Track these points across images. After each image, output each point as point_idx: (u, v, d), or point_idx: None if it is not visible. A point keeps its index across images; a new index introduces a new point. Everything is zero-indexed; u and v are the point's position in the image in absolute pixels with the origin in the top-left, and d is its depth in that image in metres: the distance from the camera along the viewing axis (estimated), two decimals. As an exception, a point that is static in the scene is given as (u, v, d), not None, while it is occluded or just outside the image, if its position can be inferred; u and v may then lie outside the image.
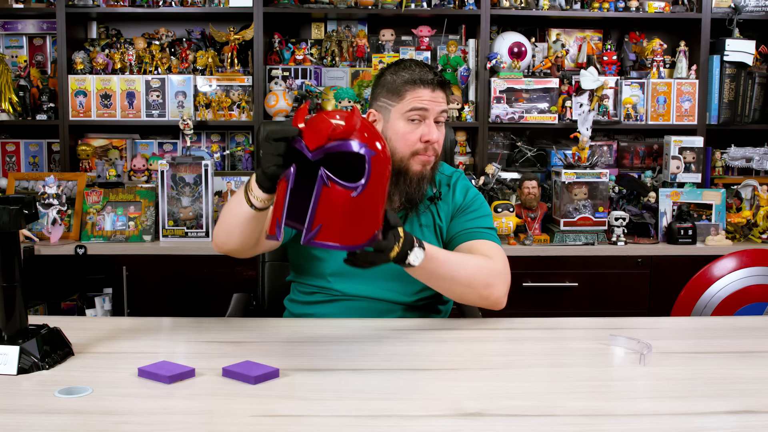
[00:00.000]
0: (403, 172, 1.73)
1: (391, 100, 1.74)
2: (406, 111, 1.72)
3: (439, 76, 1.74)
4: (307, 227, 1.30)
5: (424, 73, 1.73)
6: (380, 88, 1.78)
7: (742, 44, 3.36)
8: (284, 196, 1.32)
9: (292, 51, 3.44)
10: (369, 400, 1.22)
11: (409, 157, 1.72)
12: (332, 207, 1.30)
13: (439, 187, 1.85)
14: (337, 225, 1.31)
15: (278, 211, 1.33)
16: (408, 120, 1.72)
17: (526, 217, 3.14)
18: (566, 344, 1.58)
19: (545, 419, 1.15)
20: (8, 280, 1.34)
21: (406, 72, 1.74)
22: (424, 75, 1.72)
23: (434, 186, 1.84)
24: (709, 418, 1.16)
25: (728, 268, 3.01)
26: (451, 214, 1.84)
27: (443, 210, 1.84)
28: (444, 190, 1.85)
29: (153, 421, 1.13)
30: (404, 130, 1.72)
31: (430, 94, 1.72)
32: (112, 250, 2.97)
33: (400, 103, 1.72)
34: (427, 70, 1.75)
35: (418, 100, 1.71)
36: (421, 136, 1.71)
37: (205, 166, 3.07)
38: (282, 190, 1.34)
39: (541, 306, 3.03)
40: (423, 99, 1.71)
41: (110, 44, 3.49)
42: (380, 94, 1.78)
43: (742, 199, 3.32)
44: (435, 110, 1.72)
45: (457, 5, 3.38)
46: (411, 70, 1.74)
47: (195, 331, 1.62)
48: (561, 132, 3.48)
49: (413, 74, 1.73)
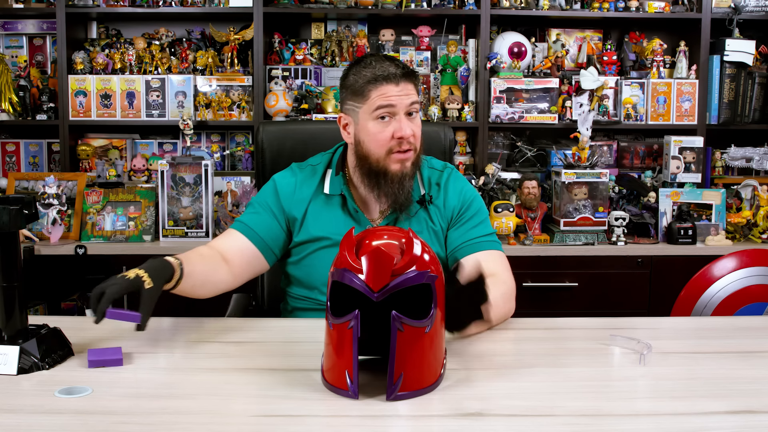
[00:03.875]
0: (382, 173, 1.70)
1: (356, 102, 1.69)
2: (374, 110, 1.66)
3: (403, 68, 1.68)
4: (389, 382, 1.20)
5: (386, 67, 1.66)
6: (345, 90, 1.73)
7: (742, 44, 3.36)
8: (349, 348, 1.20)
9: (292, 51, 3.44)
10: (369, 400, 1.22)
11: (385, 156, 1.68)
12: (409, 350, 1.21)
13: (429, 188, 1.81)
14: (416, 368, 1.22)
15: (342, 361, 1.22)
16: (377, 119, 1.67)
17: (526, 217, 3.14)
18: (566, 344, 1.58)
19: (545, 419, 1.15)
20: (8, 280, 1.34)
21: (367, 70, 1.67)
22: (386, 70, 1.66)
23: (423, 185, 1.81)
24: (709, 418, 1.16)
25: (728, 268, 3.01)
26: (448, 218, 1.80)
27: (436, 213, 1.80)
28: (434, 190, 1.81)
29: (153, 421, 1.13)
30: (375, 130, 1.67)
31: (395, 89, 1.66)
32: (112, 250, 2.97)
33: (366, 104, 1.67)
34: (389, 63, 1.68)
35: (383, 97, 1.65)
36: (393, 133, 1.66)
37: (205, 166, 3.07)
38: (343, 338, 1.22)
39: (541, 306, 3.03)
40: (388, 95, 1.65)
41: (110, 44, 3.49)
42: (346, 98, 1.73)
43: (742, 199, 3.32)
44: (403, 104, 1.67)
45: (457, 5, 3.38)
46: (372, 67, 1.67)
47: (195, 331, 1.62)
48: (561, 132, 3.48)
49: (374, 71, 1.66)
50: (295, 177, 1.82)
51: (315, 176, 1.81)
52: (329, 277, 1.27)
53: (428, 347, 1.24)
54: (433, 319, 1.23)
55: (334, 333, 1.24)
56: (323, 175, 1.81)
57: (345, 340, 1.21)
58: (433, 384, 1.25)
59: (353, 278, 1.22)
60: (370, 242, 1.25)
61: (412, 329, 1.21)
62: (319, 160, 1.85)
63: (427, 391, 1.24)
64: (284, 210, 1.78)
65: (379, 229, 1.34)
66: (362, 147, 1.71)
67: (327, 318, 1.26)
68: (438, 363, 1.27)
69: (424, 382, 1.24)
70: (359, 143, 1.72)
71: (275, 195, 1.79)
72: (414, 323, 1.21)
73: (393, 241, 1.26)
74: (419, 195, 1.79)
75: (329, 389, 1.25)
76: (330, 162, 1.83)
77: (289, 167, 1.86)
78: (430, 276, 1.23)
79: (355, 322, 1.20)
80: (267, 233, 1.76)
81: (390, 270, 1.20)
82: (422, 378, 1.23)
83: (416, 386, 1.22)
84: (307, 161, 1.87)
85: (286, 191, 1.79)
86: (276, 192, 1.80)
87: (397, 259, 1.22)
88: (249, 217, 1.78)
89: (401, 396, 1.21)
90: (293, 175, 1.82)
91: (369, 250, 1.23)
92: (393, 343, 1.20)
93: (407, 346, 1.21)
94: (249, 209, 1.81)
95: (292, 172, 1.83)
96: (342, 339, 1.22)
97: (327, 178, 1.80)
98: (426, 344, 1.23)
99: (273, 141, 2.06)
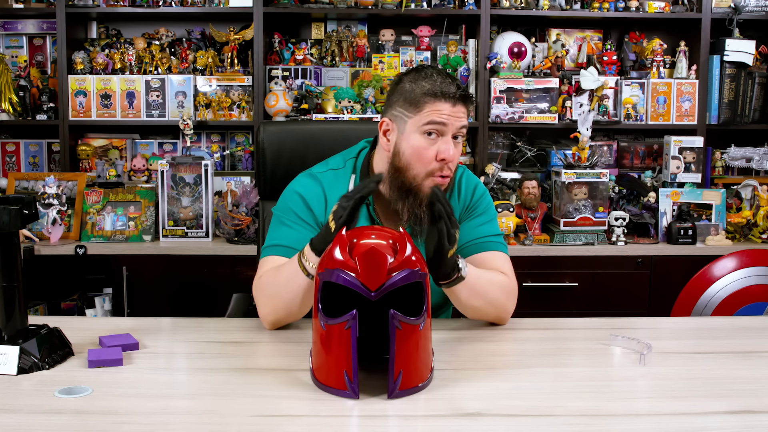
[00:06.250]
0: (413, 191, 1.63)
1: (408, 110, 1.62)
2: (424, 124, 1.59)
3: (463, 90, 1.61)
4: (390, 380, 1.21)
5: (447, 84, 1.60)
6: (397, 96, 1.65)
7: (742, 44, 3.36)
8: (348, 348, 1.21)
9: (292, 51, 3.44)
10: (369, 400, 1.22)
11: (424, 177, 1.61)
12: (407, 347, 1.23)
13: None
14: (413, 365, 1.24)
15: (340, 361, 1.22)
16: (424, 134, 1.60)
17: (526, 217, 3.14)
18: (566, 344, 1.58)
19: (545, 419, 1.15)
20: (8, 280, 1.34)
21: (427, 82, 1.60)
22: (447, 87, 1.59)
23: None
24: (709, 418, 1.16)
25: (728, 268, 3.01)
26: (458, 215, 1.76)
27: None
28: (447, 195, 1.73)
29: (153, 421, 1.13)
30: (420, 145, 1.60)
31: (450, 108, 1.59)
32: (112, 250, 2.97)
33: (418, 115, 1.60)
34: (450, 81, 1.61)
35: (438, 113, 1.58)
36: (437, 153, 1.59)
37: (205, 166, 3.07)
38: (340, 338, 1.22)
39: (541, 306, 3.03)
40: (443, 113, 1.59)
41: (110, 44, 3.49)
42: (397, 103, 1.64)
43: (742, 199, 3.32)
44: (455, 126, 1.60)
45: (457, 5, 3.38)
46: (432, 80, 1.61)
47: (195, 331, 1.62)
48: (561, 132, 3.48)
49: (434, 85, 1.59)
50: (319, 184, 1.72)
51: (341, 181, 1.73)
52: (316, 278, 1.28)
53: (422, 344, 1.27)
54: (425, 316, 1.26)
55: (327, 333, 1.24)
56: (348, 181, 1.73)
57: (342, 340, 1.22)
58: (428, 379, 1.28)
59: (348, 278, 1.22)
60: (360, 242, 1.26)
61: (408, 327, 1.23)
62: (340, 163, 1.76)
63: (424, 387, 1.26)
64: (316, 218, 1.69)
65: (367, 228, 1.35)
66: (401, 158, 1.63)
67: (317, 318, 1.26)
68: (429, 359, 1.31)
69: (420, 378, 1.26)
70: (398, 153, 1.64)
71: (304, 205, 1.69)
72: (410, 321, 1.23)
73: (382, 240, 1.27)
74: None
75: (323, 389, 1.25)
76: (354, 166, 1.75)
77: (306, 174, 1.76)
78: (421, 274, 1.26)
79: (353, 323, 1.21)
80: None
81: (385, 269, 1.22)
82: (419, 374, 1.26)
83: (414, 383, 1.25)
84: (326, 164, 1.78)
85: (315, 199, 1.70)
86: (304, 202, 1.69)
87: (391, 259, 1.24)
88: (282, 236, 1.67)
89: (402, 393, 1.22)
90: (316, 182, 1.72)
91: (363, 249, 1.24)
92: (392, 342, 1.21)
93: (404, 343, 1.23)
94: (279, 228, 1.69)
95: (313, 180, 1.73)
96: (338, 339, 1.23)
97: (351, 184, 1.72)
98: (420, 341, 1.26)
99: (274, 141, 2.06)
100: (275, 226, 1.70)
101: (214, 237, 3.10)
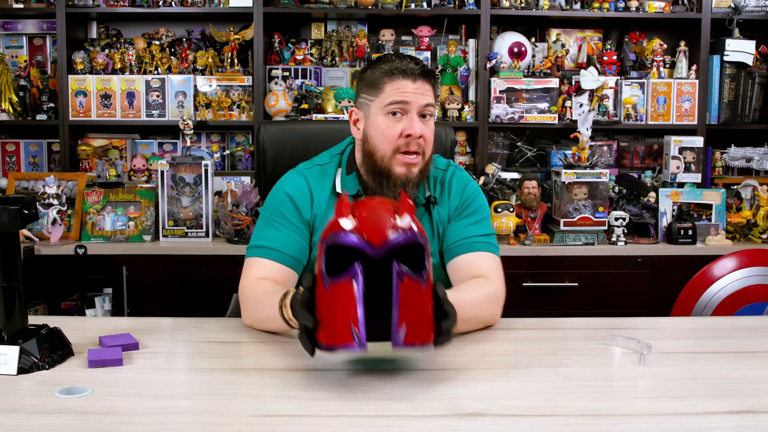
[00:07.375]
0: (385, 174, 1.63)
1: (370, 94, 1.64)
2: (386, 104, 1.60)
3: (422, 66, 1.62)
4: (394, 330, 1.21)
5: (405, 63, 1.61)
6: (361, 83, 1.68)
7: (742, 44, 3.36)
8: (353, 300, 1.20)
9: (292, 51, 3.44)
10: (369, 400, 1.22)
11: (391, 155, 1.62)
12: (409, 303, 1.23)
13: (434, 190, 1.75)
14: (416, 322, 1.23)
15: (347, 315, 1.20)
16: (388, 114, 1.61)
17: (526, 217, 3.14)
18: (566, 344, 1.58)
19: (545, 419, 1.15)
20: (8, 280, 1.34)
21: (386, 64, 1.63)
22: (405, 65, 1.60)
23: (428, 187, 1.74)
24: (709, 418, 1.16)
25: (728, 268, 3.01)
26: (448, 215, 1.74)
27: (441, 214, 1.74)
28: (438, 191, 1.75)
29: (153, 421, 1.13)
30: (384, 125, 1.61)
31: (411, 86, 1.60)
32: (112, 250, 2.97)
33: (380, 97, 1.61)
34: (409, 60, 1.63)
35: (398, 92, 1.59)
36: (402, 130, 1.59)
37: (205, 166, 3.07)
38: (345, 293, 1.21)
39: (541, 306, 3.03)
40: (404, 91, 1.59)
41: (110, 44, 3.50)
42: (361, 90, 1.68)
43: (742, 199, 3.32)
44: (418, 103, 1.60)
45: (457, 5, 3.38)
46: (390, 61, 1.63)
47: (195, 331, 1.62)
48: (561, 132, 3.48)
49: (392, 65, 1.61)
50: (306, 180, 1.72)
51: (327, 176, 1.73)
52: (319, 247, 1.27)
53: (425, 304, 1.26)
54: (426, 278, 1.26)
55: (332, 294, 1.23)
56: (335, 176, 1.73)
57: (347, 293, 1.21)
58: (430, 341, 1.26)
59: (351, 238, 1.23)
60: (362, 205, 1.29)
61: (412, 282, 1.23)
62: (326, 159, 1.77)
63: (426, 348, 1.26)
64: (303, 217, 1.69)
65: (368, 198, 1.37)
66: (369, 143, 1.64)
67: (321, 283, 1.25)
68: (431, 324, 1.28)
69: (423, 337, 1.25)
70: (367, 139, 1.65)
71: (292, 205, 1.69)
72: (413, 276, 1.23)
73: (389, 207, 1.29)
74: (424, 197, 1.73)
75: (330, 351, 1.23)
76: (340, 162, 1.75)
77: (294, 171, 1.76)
78: (423, 238, 1.27)
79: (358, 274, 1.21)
80: (294, 249, 1.67)
81: (388, 226, 1.24)
82: (422, 332, 1.25)
83: (419, 339, 1.23)
84: (312, 161, 1.78)
85: (301, 198, 1.69)
86: (291, 201, 1.69)
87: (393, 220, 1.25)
88: (269, 238, 1.67)
89: (405, 347, 1.22)
90: (302, 178, 1.72)
91: (367, 208, 1.27)
92: (395, 292, 1.22)
93: (408, 297, 1.23)
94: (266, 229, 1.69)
95: (300, 176, 1.73)
96: (343, 294, 1.22)
97: (337, 178, 1.72)
98: (422, 301, 1.26)
99: (274, 141, 2.06)
100: (261, 226, 1.71)
101: (214, 237, 3.10)
